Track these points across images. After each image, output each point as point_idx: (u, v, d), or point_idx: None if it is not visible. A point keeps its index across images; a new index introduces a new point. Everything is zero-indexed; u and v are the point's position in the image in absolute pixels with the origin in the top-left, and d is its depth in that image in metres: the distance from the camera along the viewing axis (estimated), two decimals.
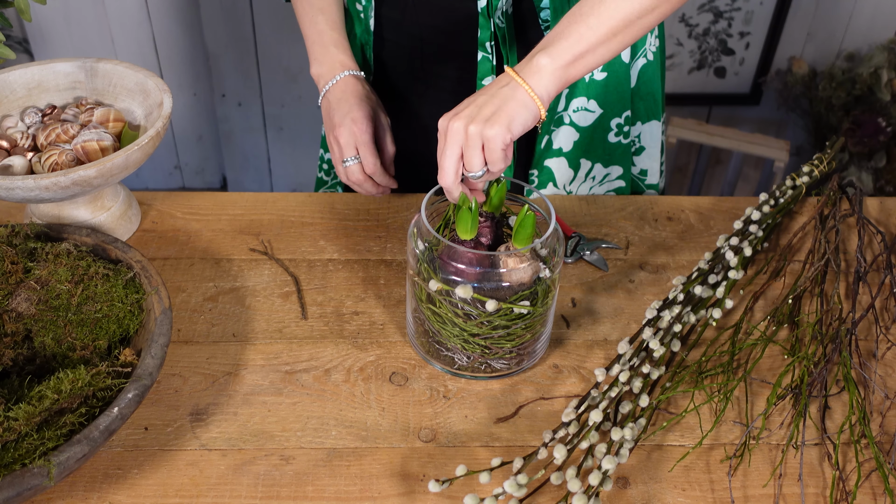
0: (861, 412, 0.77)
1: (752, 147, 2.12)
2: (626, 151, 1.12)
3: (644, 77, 1.09)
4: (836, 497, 0.72)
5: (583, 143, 1.09)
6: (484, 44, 0.98)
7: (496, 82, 0.77)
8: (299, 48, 2.19)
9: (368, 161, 0.96)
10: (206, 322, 0.87)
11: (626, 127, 1.10)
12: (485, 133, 0.74)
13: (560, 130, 1.08)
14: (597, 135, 1.09)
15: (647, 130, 1.13)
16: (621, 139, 1.10)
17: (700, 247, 1.00)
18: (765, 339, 0.86)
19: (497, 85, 0.77)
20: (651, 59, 1.08)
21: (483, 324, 0.76)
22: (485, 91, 0.77)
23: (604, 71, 1.04)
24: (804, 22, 2.25)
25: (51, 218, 0.91)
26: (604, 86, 1.05)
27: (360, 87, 1.01)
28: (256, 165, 2.43)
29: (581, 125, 1.07)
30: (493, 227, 0.78)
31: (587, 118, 1.07)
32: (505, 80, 0.77)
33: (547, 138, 1.08)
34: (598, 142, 1.09)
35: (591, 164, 1.11)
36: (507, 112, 0.75)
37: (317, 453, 0.75)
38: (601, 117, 1.07)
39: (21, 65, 0.95)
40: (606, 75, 1.05)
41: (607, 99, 1.06)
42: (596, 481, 0.68)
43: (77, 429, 0.66)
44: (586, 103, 1.06)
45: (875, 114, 2.11)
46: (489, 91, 0.77)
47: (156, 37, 2.17)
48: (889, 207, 1.08)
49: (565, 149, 1.09)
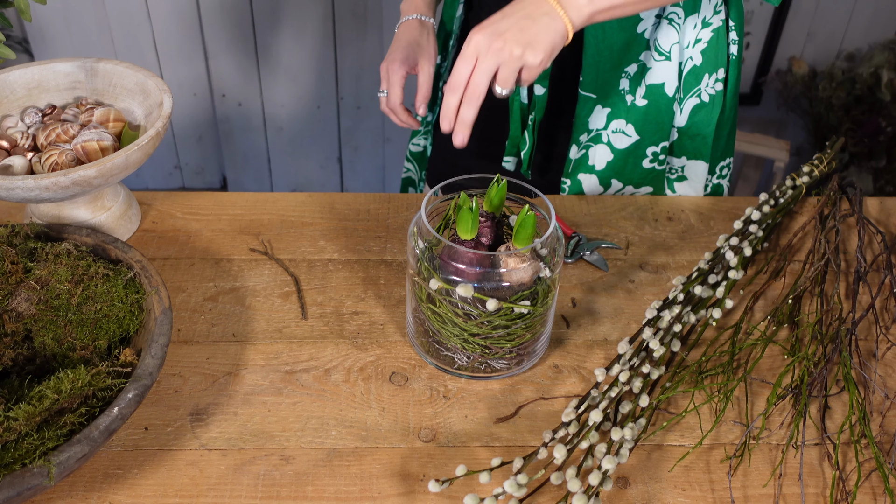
0: (861, 412, 0.77)
1: (752, 147, 2.11)
2: (660, 176, 1.12)
3: (695, 117, 1.08)
4: (836, 497, 0.72)
5: (616, 164, 1.09)
6: None
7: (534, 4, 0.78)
8: (299, 48, 2.19)
9: (390, 97, 1.06)
10: (206, 322, 0.87)
11: (663, 156, 1.10)
12: (527, 59, 0.76)
13: (597, 148, 1.09)
14: (630, 159, 1.09)
15: (691, 166, 1.13)
16: (655, 166, 1.11)
17: (700, 247, 1.00)
18: (765, 339, 0.86)
19: (536, 8, 0.77)
20: (706, 101, 1.07)
21: (483, 324, 0.76)
22: (522, 9, 0.77)
23: (645, 98, 1.04)
24: (804, 22, 2.25)
25: (51, 218, 0.91)
26: (644, 113, 1.05)
27: (414, 33, 1.06)
28: (256, 165, 2.44)
29: (617, 147, 1.08)
30: (494, 227, 0.78)
31: (624, 141, 1.08)
32: (544, 5, 0.78)
33: (584, 152, 1.09)
34: (631, 166, 1.10)
35: (622, 185, 1.12)
36: (549, 41, 0.77)
37: (317, 453, 0.75)
38: (637, 143, 1.08)
39: (21, 65, 0.95)
40: (647, 103, 1.05)
41: (646, 127, 1.06)
42: (596, 481, 0.68)
43: (77, 429, 0.66)
44: (624, 126, 1.07)
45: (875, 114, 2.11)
46: (527, 10, 0.77)
47: (156, 37, 2.17)
48: (889, 207, 1.08)
49: (598, 167, 1.10)
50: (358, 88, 2.28)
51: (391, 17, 2.15)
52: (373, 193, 1.09)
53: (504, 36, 0.76)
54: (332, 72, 2.25)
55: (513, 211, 0.83)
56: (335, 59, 2.22)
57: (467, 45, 0.78)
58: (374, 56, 2.21)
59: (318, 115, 2.33)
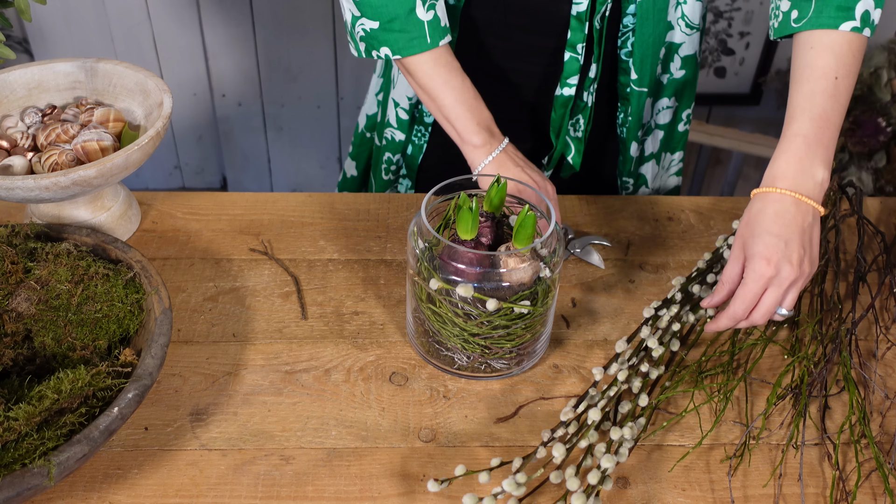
0: (861, 412, 0.77)
1: (752, 147, 2.11)
2: (684, 136, 1.15)
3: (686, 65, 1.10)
4: (836, 497, 0.72)
5: (665, 139, 1.13)
6: (575, 46, 0.98)
7: (800, 215, 0.76)
8: (299, 48, 2.19)
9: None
10: (206, 322, 0.87)
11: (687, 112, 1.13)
12: (808, 272, 0.77)
13: (650, 136, 1.12)
14: (673, 127, 1.12)
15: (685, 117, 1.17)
16: (687, 127, 1.14)
17: (700, 247, 1.00)
18: (765, 339, 0.86)
19: (804, 219, 0.76)
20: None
21: (483, 324, 0.76)
22: (794, 225, 0.76)
23: (682, 69, 1.06)
24: None
25: (51, 218, 0.91)
26: (682, 83, 1.07)
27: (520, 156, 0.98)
28: (256, 165, 2.43)
29: (662, 123, 1.11)
30: (494, 227, 0.78)
31: (667, 115, 1.10)
32: (808, 213, 0.76)
33: (640, 148, 1.11)
34: (673, 133, 1.13)
35: (667, 156, 1.15)
36: (816, 248, 0.78)
37: (317, 453, 0.75)
38: (676, 110, 1.11)
39: (21, 65, 0.95)
40: (684, 73, 1.06)
41: (683, 93, 1.09)
42: (595, 480, 0.68)
43: (77, 429, 0.66)
44: (668, 102, 1.09)
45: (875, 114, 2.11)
46: (799, 225, 0.76)
47: (156, 37, 2.17)
48: (889, 207, 1.08)
49: (654, 150, 1.12)
50: (358, 88, 2.28)
51: None
52: (373, 193, 1.09)
53: (802, 268, 0.76)
54: (332, 72, 2.25)
55: (513, 211, 0.83)
56: (335, 59, 2.22)
57: (756, 271, 0.75)
58: None
59: (318, 115, 2.33)
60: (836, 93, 0.78)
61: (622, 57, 1.03)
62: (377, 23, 0.88)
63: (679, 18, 1.02)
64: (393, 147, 1.17)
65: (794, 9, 0.81)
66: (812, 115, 0.77)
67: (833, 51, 0.78)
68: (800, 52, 0.80)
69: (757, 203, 0.77)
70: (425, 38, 0.87)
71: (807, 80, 0.78)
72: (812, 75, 0.78)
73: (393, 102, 1.14)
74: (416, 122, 1.13)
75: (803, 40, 0.81)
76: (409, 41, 0.88)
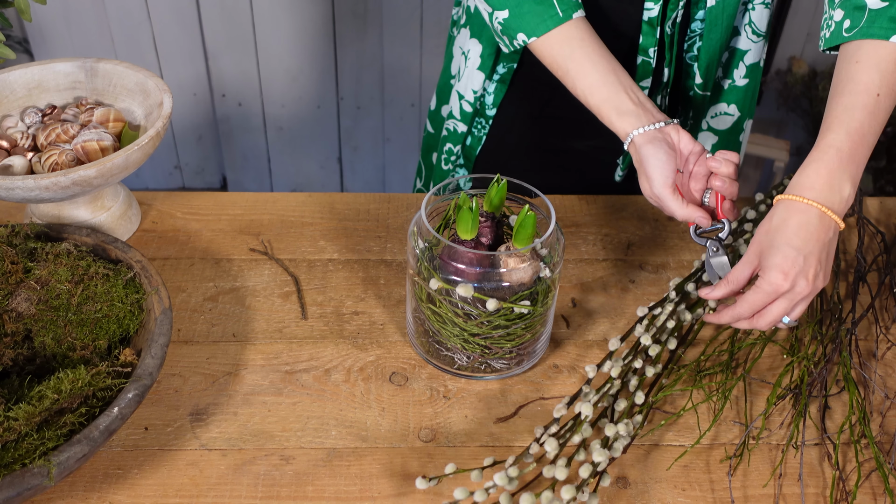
0: (861, 412, 0.77)
1: (752, 147, 2.11)
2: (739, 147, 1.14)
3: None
4: (836, 497, 0.72)
5: (720, 145, 1.11)
6: (647, 50, 0.98)
7: (822, 229, 0.75)
8: (299, 48, 2.19)
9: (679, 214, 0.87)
10: (206, 322, 0.87)
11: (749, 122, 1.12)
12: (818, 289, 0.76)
13: (701, 136, 1.10)
14: (732, 138, 1.11)
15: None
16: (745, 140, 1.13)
17: (700, 247, 1.00)
18: (764, 339, 0.86)
19: (825, 233, 0.75)
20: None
21: (483, 324, 0.76)
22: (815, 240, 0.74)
23: (746, 77, 1.05)
24: (804, 22, 2.25)
25: (51, 218, 0.91)
26: (745, 91, 1.07)
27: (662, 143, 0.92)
28: (256, 165, 2.43)
29: (719, 129, 1.09)
30: (494, 227, 0.78)
31: (726, 122, 1.09)
32: (830, 227, 0.75)
33: None
34: (732, 145, 1.11)
35: None
36: (831, 263, 0.77)
37: (317, 453, 0.75)
38: (738, 120, 1.09)
39: (21, 65, 0.95)
40: (748, 81, 1.06)
41: (745, 103, 1.08)
42: (586, 473, 0.68)
43: (77, 429, 0.66)
44: (727, 108, 1.08)
45: None
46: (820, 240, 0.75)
47: (156, 37, 2.17)
48: (889, 207, 1.08)
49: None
50: (358, 88, 2.28)
51: (391, 17, 2.15)
52: (373, 193, 1.09)
53: (815, 283, 0.75)
54: (332, 72, 2.25)
55: (513, 211, 0.83)
56: (335, 59, 2.22)
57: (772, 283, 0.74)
58: (373, 56, 2.21)
59: (318, 115, 2.33)
60: (876, 110, 0.77)
61: (686, 60, 1.03)
62: (506, 11, 0.87)
63: (746, 24, 1.02)
64: (455, 138, 1.18)
65: (846, 18, 0.80)
66: (849, 128, 0.76)
67: (879, 67, 0.77)
68: (844, 65, 0.79)
69: (781, 211, 0.76)
70: (556, 13, 0.86)
71: (848, 94, 0.77)
72: (854, 89, 0.77)
73: (457, 94, 1.14)
74: (478, 115, 1.13)
75: (850, 53, 0.79)
76: (541, 21, 0.86)
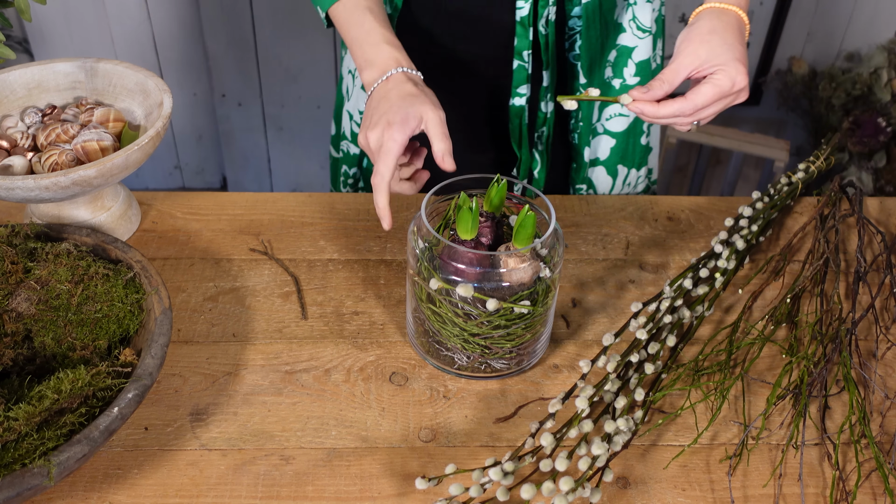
0: (861, 412, 0.77)
1: (752, 147, 2.12)
2: (648, 151, 1.14)
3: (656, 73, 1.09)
4: (836, 497, 0.72)
5: (619, 148, 1.10)
6: (521, 53, 0.97)
7: (737, 27, 0.82)
8: (299, 48, 2.19)
9: (384, 174, 0.82)
10: (206, 322, 0.87)
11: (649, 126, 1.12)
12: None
13: (597, 140, 1.10)
14: (631, 139, 1.10)
15: (654, 129, 1.15)
16: (649, 141, 1.12)
17: (700, 247, 1.00)
18: (762, 339, 0.86)
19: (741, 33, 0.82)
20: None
21: (483, 324, 0.76)
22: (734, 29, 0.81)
23: (637, 75, 1.05)
24: (804, 22, 2.25)
25: (51, 218, 0.91)
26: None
27: (406, 86, 0.84)
28: (256, 165, 2.44)
29: (616, 130, 1.09)
30: (494, 227, 0.78)
31: (622, 123, 1.09)
32: (742, 27, 0.83)
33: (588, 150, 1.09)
34: (632, 146, 1.11)
35: (626, 170, 1.13)
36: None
37: (317, 453, 0.75)
38: (634, 121, 1.09)
39: (21, 65, 0.95)
40: (639, 79, 1.06)
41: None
42: (585, 466, 0.68)
43: (77, 429, 0.66)
44: (620, 109, 1.07)
45: (875, 114, 2.11)
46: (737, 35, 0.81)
47: (156, 37, 2.17)
48: (889, 207, 1.08)
49: (602, 157, 1.11)
50: None
51: None
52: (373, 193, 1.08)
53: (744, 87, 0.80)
54: (332, 72, 2.25)
55: (513, 211, 0.83)
56: (335, 59, 2.22)
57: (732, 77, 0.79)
58: None
59: (318, 115, 2.33)
60: None
61: (570, 60, 1.02)
62: None
63: (630, 20, 1.02)
64: (349, 160, 1.17)
65: None
66: None
67: None
68: None
69: (712, 16, 0.82)
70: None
71: None
72: None
73: (348, 114, 1.13)
74: None
75: None
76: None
